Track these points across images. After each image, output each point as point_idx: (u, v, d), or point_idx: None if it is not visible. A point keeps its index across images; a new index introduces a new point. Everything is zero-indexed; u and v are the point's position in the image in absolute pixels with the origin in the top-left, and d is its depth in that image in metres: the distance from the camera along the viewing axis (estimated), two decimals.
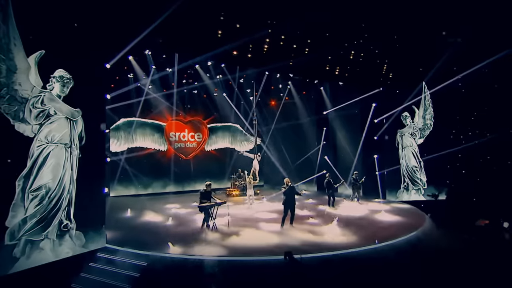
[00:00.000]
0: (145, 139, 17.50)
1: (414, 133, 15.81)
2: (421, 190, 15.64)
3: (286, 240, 9.10)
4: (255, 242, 8.92)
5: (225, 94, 18.73)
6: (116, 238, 9.23)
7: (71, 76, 8.03)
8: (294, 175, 18.66)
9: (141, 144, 17.32)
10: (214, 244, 8.78)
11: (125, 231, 9.98)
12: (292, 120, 19.13)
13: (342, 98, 17.01)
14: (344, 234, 9.77)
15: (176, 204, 14.46)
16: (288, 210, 10.34)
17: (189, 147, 18.95)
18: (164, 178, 17.81)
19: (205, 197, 10.18)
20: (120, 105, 15.65)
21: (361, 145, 16.85)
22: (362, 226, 10.59)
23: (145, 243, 8.76)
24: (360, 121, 16.91)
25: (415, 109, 15.83)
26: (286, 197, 10.28)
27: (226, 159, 19.89)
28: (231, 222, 10.69)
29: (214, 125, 19.71)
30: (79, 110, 8.22)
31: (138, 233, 9.91)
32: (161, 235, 9.55)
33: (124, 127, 16.77)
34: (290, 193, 10.32)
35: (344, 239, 9.28)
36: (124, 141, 16.82)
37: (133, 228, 10.51)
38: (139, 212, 12.58)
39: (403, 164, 15.82)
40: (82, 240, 8.16)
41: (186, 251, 8.33)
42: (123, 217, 11.85)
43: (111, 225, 9.95)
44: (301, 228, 10.27)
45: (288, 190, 10.34)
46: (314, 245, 8.74)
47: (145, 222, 11.39)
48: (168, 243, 8.63)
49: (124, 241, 8.93)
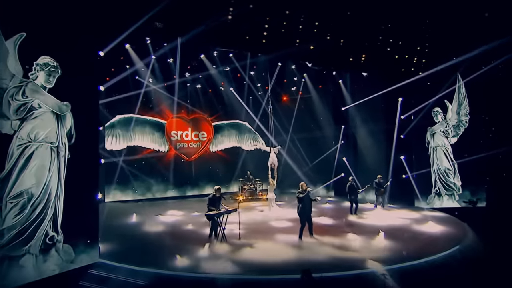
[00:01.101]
0: (144, 138, 16.92)
1: (447, 131, 14.95)
2: (454, 196, 14.75)
3: (307, 255, 8.41)
4: (270, 257, 8.25)
5: (232, 89, 18.02)
6: (111, 251, 8.64)
7: (58, 64, 7.35)
8: (308, 178, 18.08)
9: (140, 143, 16.76)
10: (224, 259, 8.15)
11: (122, 243, 9.37)
12: (307, 117, 18.53)
13: (363, 91, 16.25)
14: (375, 247, 9.03)
15: (179, 210, 13.96)
16: (305, 220, 9.66)
17: (192, 147, 18.39)
18: (165, 181, 17.34)
19: (213, 204, 9.54)
20: (116, 99, 15.06)
21: (386, 145, 16.07)
22: (395, 237, 9.82)
23: (145, 258, 8.16)
24: (384, 118, 16.15)
25: (448, 103, 14.96)
26: (302, 205, 9.54)
27: (233, 160, 19.31)
28: (242, 231, 10.04)
29: (220, 123, 19.13)
30: (67, 103, 7.55)
31: (137, 245, 9.32)
32: (164, 248, 8.95)
33: (120, 125, 16.17)
34: (306, 200, 9.60)
35: (378, 253, 8.50)
36: (123, 139, 16.18)
37: (132, 239, 9.89)
38: (138, 221, 12.06)
39: (434, 166, 14.95)
40: (71, 254, 7.50)
41: (191, 267, 7.69)
42: (120, 227, 11.25)
43: (106, 236, 9.38)
44: (325, 241, 9.53)
45: (305, 196, 9.59)
46: (343, 260, 8.02)
47: (145, 232, 10.82)
48: (176, 255, 8.12)
49: (120, 255, 8.36)
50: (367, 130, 16.83)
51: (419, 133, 15.06)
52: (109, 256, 8.24)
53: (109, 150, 15.61)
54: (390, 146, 15.80)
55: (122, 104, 15.71)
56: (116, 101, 15.17)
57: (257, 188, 17.25)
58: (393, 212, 13.65)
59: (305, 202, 9.53)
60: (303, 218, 9.60)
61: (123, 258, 8.11)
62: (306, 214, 9.58)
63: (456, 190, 14.79)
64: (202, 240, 9.52)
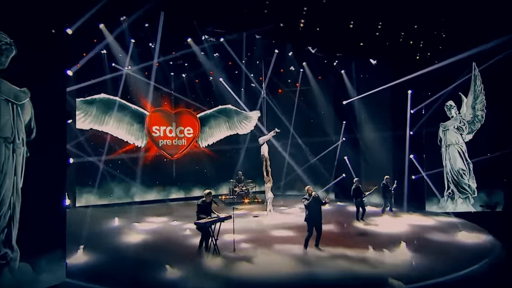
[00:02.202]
0: (120, 127, 15.93)
1: (461, 127, 14.40)
2: (469, 199, 14.21)
3: (317, 271, 7.69)
4: (273, 273, 7.53)
5: (221, 79, 17.20)
6: (81, 268, 7.77)
7: (13, 40, 6.32)
8: (305, 178, 17.70)
9: (113, 131, 15.77)
10: (217, 276, 7.37)
11: (95, 258, 8.48)
12: (305, 111, 18.01)
13: (369, 83, 15.69)
14: (395, 260, 8.33)
15: (161, 217, 13.21)
16: (313, 228, 9.04)
17: (177, 144, 17.66)
18: (146, 183, 16.58)
19: (203, 211, 8.74)
20: (87, 85, 14.19)
21: (392, 142, 15.60)
22: (415, 249, 9.18)
23: (122, 276, 7.35)
24: (391, 112, 15.65)
25: (463, 97, 14.40)
26: (310, 211, 8.99)
27: (223, 159, 18.62)
28: (237, 242, 9.29)
29: (203, 115, 18.35)
30: (26, 90, 6.56)
31: (112, 260, 8.42)
32: (144, 264, 8.08)
33: (99, 104, 15.23)
34: (314, 206, 9.00)
35: (399, 268, 7.83)
36: (95, 119, 15.16)
37: (106, 253, 8.95)
38: (114, 229, 11.19)
39: (446, 166, 14.41)
40: (30, 274, 6.50)
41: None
42: (92, 238, 10.19)
43: (75, 250, 8.56)
44: (334, 252, 8.83)
45: (311, 202, 8.97)
46: (360, 278, 7.34)
47: (123, 243, 9.90)
48: (160, 273, 7.43)
49: (93, 273, 7.54)
50: (371, 126, 16.36)
51: (431, 129, 14.56)
52: (78, 274, 7.36)
53: (81, 148, 14.63)
54: (397, 143, 15.28)
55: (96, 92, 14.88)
56: (89, 89, 14.32)
57: (249, 190, 16.52)
58: (403, 217, 13.08)
59: (312, 208, 8.94)
60: (311, 225, 9.01)
61: (96, 277, 7.31)
62: (314, 221, 9.00)
63: (471, 193, 14.24)
64: (190, 253, 8.72)
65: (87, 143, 14.95)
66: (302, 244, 9.11)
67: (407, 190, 14.49)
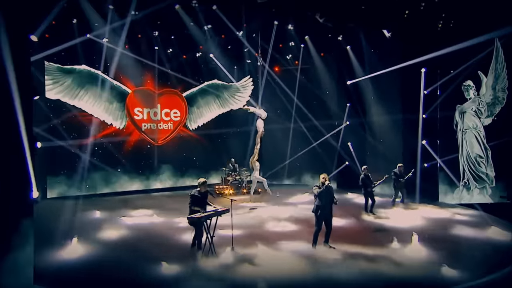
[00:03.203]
0: (96, 104, 15.14)
1: (480, 109, 13.99)
2: (487, 189, 13.86)
3: (328, 270, 7.10)
4: (279, 275, 6.93)
5: (212, 55, 16.59)
6: (53, 272, 7.05)
7: None
8: (303, 166, 17.48)
9: (88, 107, 14.98)
10: (215, 280, 6.74)
11: (68, 260, 7.77)
12: (306, 91, 17.48)
13: (378, 60, 15.07)
14: (418, 259, 7.77)
15: (147, 210, 12.51)
16: (322, 222, 8.44)
17: (162, 129, 17.05)
18: (127, 172, 15.97)
19: (198, 203, 8.03)
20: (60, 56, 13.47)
21: (403, 127, 15.17)
22: (438, 246, 8.58)
23: (102, 282, 6.75)
24: (402, 93, 15.17)
25: (482, 76, 13.91)
26: (320, 203, 8.33)
27: (213, 144, 18.04)
28: (235, 238, 8.59)
29: (190, 93, 17.60)
30: None
31: (90, 262, 7.72)
32: (127, 266, 7.37)
33: (78, 77, 14.51)
34: (326, 197, 8.35)
35: (425, 269, 7.29)
36: (68, 92, 14.35)
37: (83, 253, 8.22)
38: (92, 225, 10.44)
39: (462, 153, 14.01)
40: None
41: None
42: (66, 235, 9.24)
43: (46, 250, 7.82)
44: (348, 250, 8.27)
45: (324, 191, 8.32)
46: (382, 280, 6.76)
47: (101, 242, 9.14)
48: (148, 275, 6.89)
49: (65, 278, 6.89)
50: (379, 108, 15.85)
51: (446, 112, 14.11)
52: (49, 279, 6.70)
53: (51, 131, 13.80)
54: (408, 128, 14.87)
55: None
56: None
57: (244, 179, 16.01)
58: (416, 209, 12.62)
59: (324, 200, 8.31)
60: (321, 219, 8.40)
61: (69, 282, 6.77)
62: (325, 215, 8.39)
63: (489, 183, 13.90)
64: (182, 253, 8.07)
65: (60, 126, 14.15)
66: (308, 240, 8.58)
67: (419, 179, 14.03)
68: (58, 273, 7.03)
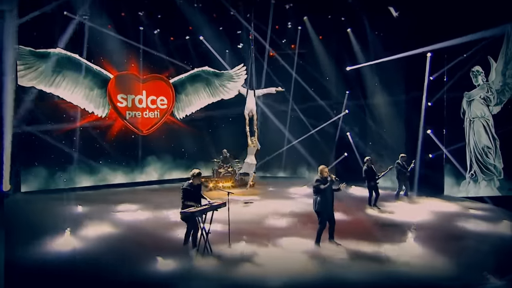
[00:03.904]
0: (75, 91, 14.39)
1: (488, 97, 13.67)
2: (494, 182, 13.60)
3: (336, 270, 6.72)
4: (284, 276, 6.43)
5: (202, 37, 16.13)
6: (24, 279, 6.40)
7: None
8: (300, 158, 17.19)
9: (65, 95, 14.23)
10: (212, 281, 6.31)
11: (42, 262, 7.11)
12: (302, 78, 17.04)
13: (382, 45, 14.77)
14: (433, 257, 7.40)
15: (131, 204, 12.01)
16: (326, 219, 8.05)
17: (148, 117, 16.47)
18: (111, 163, 15.42)
19: (191, 197, 7.48)
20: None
21: (406, 115, 14.94)
22: (451, 243, 8.25)
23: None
24: (406, 78, 14.87)
25: (492, 61, 13.58)
26: (323, 198, 7.92)
27: (203, 134, 17.59)
28: (231, 234, 8.10)
29: (178, 79, 16.95)
30: None
31: (67, 264, 7.10)
32: (112, 268, 6.79)
33: (53, 62, 13.62)
34: (329, 192, 8.00)
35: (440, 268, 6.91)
36: (39, 78, 13.51)
37: (59, 254, 7.59)
38: (73, 221, 9.70)
39: (469, 143, 13.72)
40: None
41: None
42: (41, 234, 8.61)
43: (19, 252, 7.17)
44: (355, 248, 7.86)
45: (327, 186, 7.93)
46: (396, 280, 6.39)
47: (87, 240, 8.55)
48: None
49: (42, 279, 6.33)
50: (381, 95, 15.57)
51: (453, 99, 13.77)
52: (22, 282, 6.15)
53: (26, 118, 13.02)
54: (412, 116, 14.55)
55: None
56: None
57: (236, 171, 15.66)
58: (423, 203, 12.34)
59: (327, 194, 7.92)
60: (324, 216, 8.01)
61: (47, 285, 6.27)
62: (328, 211, 8.01)
63: (497, 174, 13.62)
64: (174, 251, 7.50)
65: (35, 111, 13.44)
66: (310, 237, 8.20)
67: (418, 170, 13.84)
68: (31, 279, 6.44)
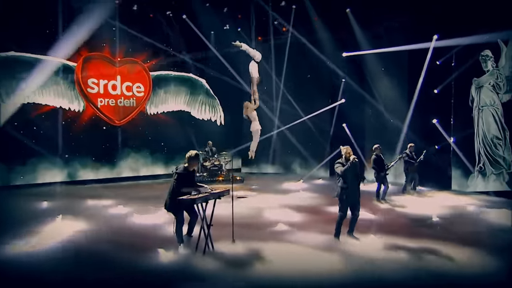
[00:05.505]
0: (44, 92, 13.91)
1: (498, 84, 13.33)
2: (503, 176, 13.28)
3: (371, 270, 5.96)
4: (304, 277, 5.71)
5: (185, 16, 15.39)
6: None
7: None
8: (292, 150, 16.95)
9: (35, 99, 13.83)
10: (218, 281, 5.52)
11: (14, 264, 6.28)
12: (294, 64, 16.62)
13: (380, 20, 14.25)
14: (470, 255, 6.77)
15: (111, 199, 11.46)
16: (348, 208, 7.36)
17: (123, 105, 15.72)
18: (79, 157, 14.64)
19: (187, 183, 6.67)
20: None
21: (408, 102, 14.37)
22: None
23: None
24: (409, 63, 14.46)
25: (502, 45, 13.27)
26: (347, 184, 7.22)
27: (185, 125, 17.04)
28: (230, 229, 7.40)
29: (164, 74, 16.61)
30: None
31: (45, 266, 6.19)
32: (100, 270, 6.02)
33: (11, 68, 13.06)
34: (352, 177, 7.26)
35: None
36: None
37: (33, 254, 6.71)
38: (40, 219, 8.99)
39: (478, 134, 13.41)
40: None
41: None
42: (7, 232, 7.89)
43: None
44: (381, 243, 7.21)
45: (351, 168, 7.21)
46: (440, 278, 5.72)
47: (65, 237, 7.71)
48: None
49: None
50: (382, 81, 15.16)
51: (461, 86, 13.48)
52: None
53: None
54: (415, 104, 14.13)
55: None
56: None
57: (223, 165, 15.12)
58: (433, 197, 12.06)
59: (350, 179, 7.20)
60: (346, 204, 7.29)
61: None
62: (352, 198, 7.27)
63: (506, 168, 13.30)
64: (167, 249, 6.68)
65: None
66: (319, 231, 7.79)
67: (427, 163, 13.12)
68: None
